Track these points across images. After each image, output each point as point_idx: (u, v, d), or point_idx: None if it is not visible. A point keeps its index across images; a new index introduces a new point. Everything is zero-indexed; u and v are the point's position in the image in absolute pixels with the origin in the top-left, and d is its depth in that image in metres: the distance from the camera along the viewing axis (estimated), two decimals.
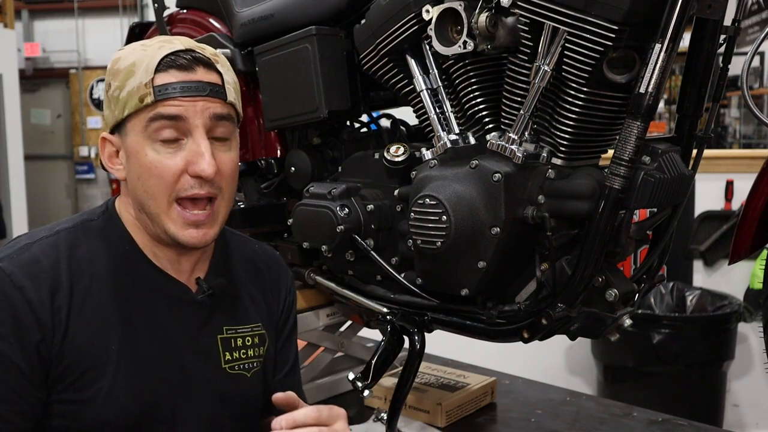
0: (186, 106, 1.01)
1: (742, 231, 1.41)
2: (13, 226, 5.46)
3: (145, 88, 1.00)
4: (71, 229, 1.07)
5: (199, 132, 1.02)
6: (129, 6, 7.13)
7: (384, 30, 1.43)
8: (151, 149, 1.02)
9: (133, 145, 1.03)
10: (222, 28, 1.86)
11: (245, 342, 1.16)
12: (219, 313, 1.14)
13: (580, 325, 1.32)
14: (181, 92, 1.01)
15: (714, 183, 3.20)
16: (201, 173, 1.01)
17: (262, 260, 1.26)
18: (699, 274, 3.27)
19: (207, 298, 1.11)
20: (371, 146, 1.66)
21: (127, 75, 1.02)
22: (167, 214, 1.03)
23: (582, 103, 1.23)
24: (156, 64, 1.01)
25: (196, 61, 1.03)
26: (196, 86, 1.02)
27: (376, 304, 1.53)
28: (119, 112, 1.02)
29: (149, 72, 1.01)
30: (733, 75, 1.71)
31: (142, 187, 1.03)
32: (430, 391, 1.80)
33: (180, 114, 1.01)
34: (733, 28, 1.32)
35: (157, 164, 1.01)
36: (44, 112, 7.71)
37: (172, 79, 1.01)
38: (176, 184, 1.02)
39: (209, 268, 1.15)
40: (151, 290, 1.08)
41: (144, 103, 1.00)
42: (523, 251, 1.32)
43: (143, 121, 1.01)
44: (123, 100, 1.01)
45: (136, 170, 1.03)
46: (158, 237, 1.07)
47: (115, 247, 1.08)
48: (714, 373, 2.90)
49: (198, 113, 1.02)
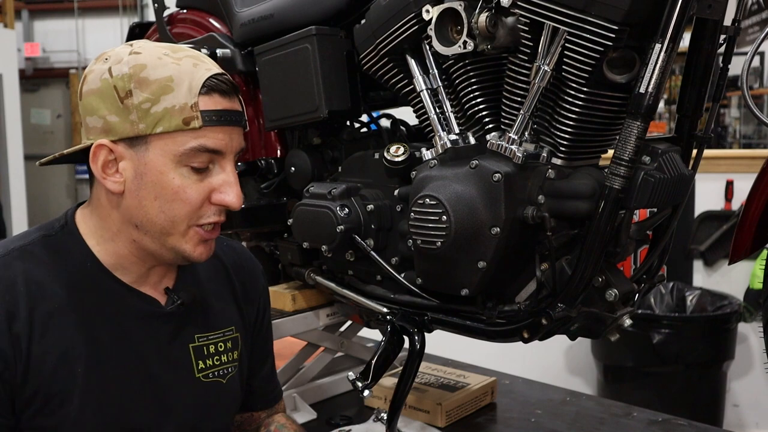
0: (226, 139, 1.00)
1: (742, 231, 1.41)
2: (13, 226, 5.47)
3: (190, 110, 0.96)
4: (27, 247, 1.02)
5: (230, 163, 1.02)
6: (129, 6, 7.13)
7: (384, 30, 1.43)
8: (177, 173, 0.98)
9: (157, 164, 0.97)
10: (222, 28, 1.85)
11: (218, 348, 1.13)
12: (189, 321, 1.10)
13: (580, 325, 1.32)
14: (226, 122, 1.00)
15: (714, 183, 3.20)
16: (230, 205, 1.01)
17: (230, 260, 1.23)
18: (699, 274, 3.27)
19: (177, 308, 1.08)
20: (371, 146, 1.66)
21: (162, 89, 0.96)
22: (183, 234, 1.01)
23: (582, 103, 1.23)
24: (200, 84, 0.97)
25: (234, 89, 1.02)
26: (237, 117, 1.02)
27: (376, 304, 1.52)
28: (147, 127, 0.96)
29: (193, 92, 0.97)
30: (733, 75, 1.71)
31: (159, 208, 0.99)
32: (430, 391, 1.80)
33: (222, 149, 1.00)
34: (733, 28, 1.32)
35: (186, 189, 0.98)
36: (44, 112, 7.71)
37: (217, 105, 0.99)
38: (199, 210, 1.01)
39: (177, 277, 1.12)
40: (116, 307, 1.04)
41: (190, 127, 0.96)
42: (523, 251, 1.32)
43: (180, 145, 0.97)
44: (156, 116, 0.95)
45: (155, 190, 0.98)
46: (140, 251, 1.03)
47: (75, 265, 1.02)
48: (714, 373, 2.90)
49: (234, 145, 1.02)
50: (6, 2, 5.73)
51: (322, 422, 1.72)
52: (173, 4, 2.03)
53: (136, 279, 1.06)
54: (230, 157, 1.02)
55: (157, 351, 1.06)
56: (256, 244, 1.86)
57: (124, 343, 1.03)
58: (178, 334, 1.09)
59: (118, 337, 1.03)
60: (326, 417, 1.75)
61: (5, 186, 5.47)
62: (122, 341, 1.03)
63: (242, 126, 1.03)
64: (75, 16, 7.49)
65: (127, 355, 1.03)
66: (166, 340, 1.07)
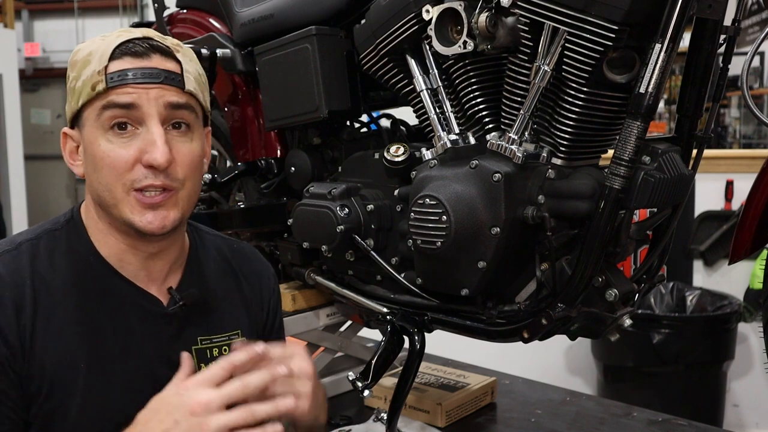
0: (139, 93, 0.97)
1: (742, 231, 1.41)
2: (13, 226, 5.46)
3: (98, 75, 0.97)
4: (33, 241, 1.03)
5: (153, 120, 0.98)
6: (129, 6, 7.13)
7: (384, 30, 1.43)
8: (104, 139, 0.98)
9: (88, 135, 1.00)
10: (222, 28, 1.85)
11: (222, 352, 1.12)
12: (193, 323, 1.10)
13: (580, 325, 1.32)
14: (134, 78, 0.97)
15: (714, 183, 3.20)
16: (153, 162, 0.97)
17: (240, 262, 1.22)
18: (699, 274, 3.27)
19: (179, 309, 1.07)
20: (371, 146, 1.66)
21: (83, 65, 0.99)
22: (124, 201, 0.99)
23: (582, 103, 1.23)
24: (111, 51, 0.98)
25: (153, 49, 1.00)
26: (150, 73, 0.98)
27: (376, 304, 1.52)
28: (75, 103, 1.00)
29: (103, 60, 0.98)
30: (733, 75, 1.71)
31: (97, 179, 0.99)
32: (430, 391, 1.80)
33: (133, 102, 0.97)
34: (733, 28, 1.32)
35: (109, 153, 0.97)
36: (44, 112, 7.70)
37: (125, 65, 0.98)
38: (129, 173, 0.98)
39: (183, 277, 1.11)
40: (119, 303, 1.04)
41: (96, 91, 0.97)
42: (523, 251, 1.32)
43: (96, 110, 0.98)
44: (78, 90, 0.99)
45: (92, 162, 1.00)
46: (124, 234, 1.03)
47: (80, 260, 1.03)
48: (714, 373, 2.90)
49: (152, 101, 0.98)
50: (6, 2, 5.72)
51: None
52: (173, 4, 2.03)
53: (136, 273, 1.06)
54: (151, 115, 0.98)
55: (159, 350, 1.06)
56: (256, 244, 1.86)
57: (126, 339, 1.03)
58: (181, 335, 1.09)
59: (120, 334, 1.03)
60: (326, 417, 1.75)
61: (5, 186, 5.46)
62: (124, 338, 1.03)
63: (163, 83, 0.99)
64: (75, 16, 7.48)
65: (128, 352, 1.03)
66: (167, 341, 1.07)
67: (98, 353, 1.01)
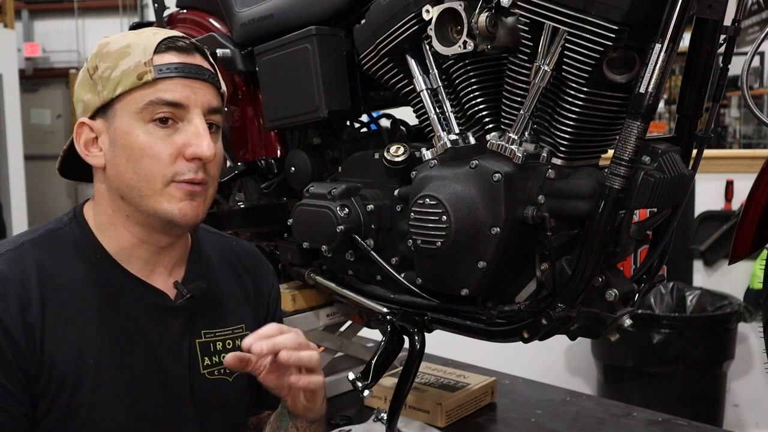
0: (187, 92, 0.99)
1: (742, 231, 1.41)
2: (13, 226, 5.46)
3: (144, 66, 0.98)
4: (37, 240, 1.03)
5: (198, 115, 1.00)
6: (129, 6, 7.13)
7: (384, 30, 1.43)
8: (143, 130, 0.99)
9: (123, 126, 0.99)
10: (222, 28, 1.85)
11: (226, 345, 1.13)
12: (197, 317, 1.11)
13: (580, 325, 1.32)
14: (182, 73, 0.99)
15: (714, 183, 3.20)
16: (201, 154, 0.99)
17: (241, 258, 1.23)
18: (699, 274, 3.28)
19: (186, 302, 1.08)
20: (371, 146, 1.66)
21: (120, 55, 0.99)
22: (161, 193, 1.00)
23: (582, 103, 1.23)
24: (155, 44, 0.99)
25: (195, 48, 1.03)
26: (197, 70, 1.01)
27: (376, 304, 1.52)
28: (109, 92, 0.99)
29: (148, 52, 0.99)
30: (733, 75, 1.71)
31: (133, 169, 0.99)
32: (430, 391, 1.80)
33: (181, 101, 0.99)
34: (733, 28, 1.32)
35: (152, 144, 0.98)
36: (44, 112, 7.70)
37: (172, 59, 1.00)
38: (172, 166, 0.99)
39: (186, 271, 1.12)
40: (126, 299, 1.05)
41: (143, 81, 0.97)
42: (523, 251, 1.32)
43: (139, 102, 0.98)
44: (115, 80, 0.99)
45: (125, 153, 0.99)
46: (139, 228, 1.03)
47: (85, 257, 1.04)
48: (714, 373, 2.91)
49: (198, 99, 1.01)
50: (6, 2, 5.72)
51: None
52: (173, 4, 2.03)
53: (143, 269, 1.07)
54: (196, 112, 1.00)
55: (166, 344, 1.07)
56: (256, 244, 1.86)
57: (133, 334, 1.04)
58: (186, 328, 1.10)
59: (128, 329, 1.04)
60: (326, 417, 1.74)
61: (5, 186, 5.46)
62: (132, 333, 1.04)
63: (207, 80, 1.02)
64: (75, 16, 7.49)
65: (137, 347, 1.04)
66: (174, 334, 1.08)
67: (107, 349, 1.01)
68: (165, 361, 1.06)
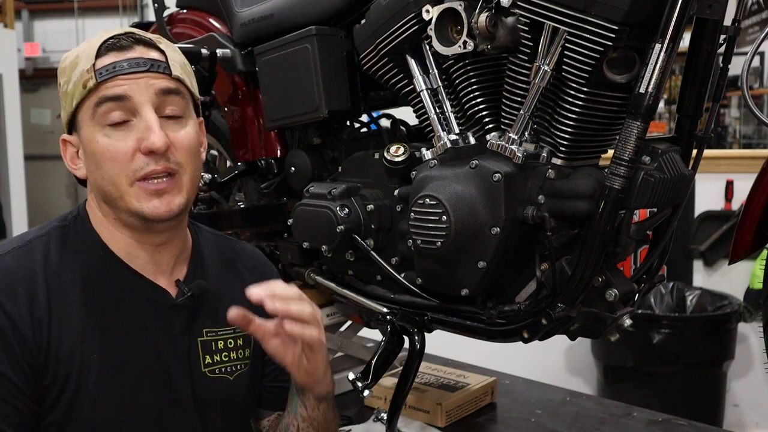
0: (129, 84, 1.00)
1: (742, 231, 1.40)
2: (13, 226, 5.46)
3: (87, 73, 1.00)
4: (44, 237, 1.05)
5: (146, 108, 1.00)
6: (129, 6, 7.12)
7: (384, 30, 1.43)
8: (101, 135, 1.00)
9: (86, 135, 1.02)
10: (222, 28, 1.85)
11: (227, 344, 1.14)
12: (199, 315, 1.12)
13: (580, 325, 1.32)
14: (121, 70, 1.00)
15: (714, 183, 3.20)
16: (151, 147, 0.99)
17: (244, 261, 1.24)
18: (699, 274, 3.27)
19: (187, 300, 1.09)
20: (371, 146, 1.66)
21: (72, 68, 1.02)
22: (128, 193, 1.01)
23: (582, 103, 1.23)
24: (96, 50, 1.01)
25: (136, 41, 1.03)
26: (136, 62, 1.01)
27: (376, 304, 1.52)
28: (69, 106, 1.03)
29: (90, 58, 1.01)
30: (733, 75, 1.70)
31: (100, 175, 1.02)
32: (430, 391, 1.80)
33: (124, 93, 0.99)
34: (733, 28, 1.32)
35: (109, 147, 1.00)
36: (44, 112, 7.70)
37: (112, 60, 1.01)
38: (131, 163, 1.00)
39: (188, 270, 1.14)
40: (130, 295, 1.06)
41: (87, 88, 1.00)
42: (523, 251, 1.32)
43: (90, 107, 1.00)
44: (71, 93, 1.02)
45: (93, 160, 1.02)
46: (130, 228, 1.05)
47: (89, 254, 1.05)
48: (714, 373, 2.90)
49: (142, 90, 1.00)
50: (6, 2, 5.72)
51: None
52: (173, 4, 2.03)
53: (145, 267, 1.08)
54: (144, 104, 1.00)
55: (168, 342, 1.08)
56: (256, 244, 1.86)
57: (136, 331, 1.05)
58: (188, 326, 1.11)
59: (131, 326, 1.05)
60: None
61: (5, 186, 5.46)
62: (135, 330, 1.05)
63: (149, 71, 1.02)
64: (75, 16, 7.48)
65: (139, 344, 1.05)
66: (175, 332, 1.09)
67: (110, 344, 1.03)
68: (166, 358, 1.07)
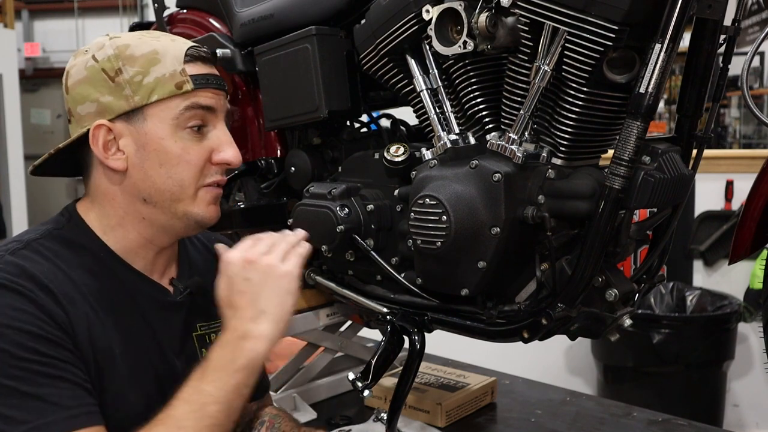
0: (216, 98, 1.07)
1: (742, 231, 1.41)
2: (13, 226, 5.46)
3: (180, 75, 1.03)
4: (41, 240, 1.04)
5: (222, 123, 1.08)
6: (129, 6, 7.12)
7: (384, 30, 1.43)
8: (177, 137, 1.04)
9: (156, 132, 1.03)
10: (222, 28, 1.85)
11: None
12: (194, 312, 1.15)
13: (580, 325, 1.32)
14: (213, 83, 1.07)
15: (714, 183, 3.20)
16: (229, 161, 1.07)
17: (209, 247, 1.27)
18: (699, 274, 3.27)
19: (186, 298, 1.13)
20: (371, 146, 1.66)
21: (150, 61, 1.02)
22: (193, 197, 1.06)
23: (582, 103, 1.23)
24: (183, 53, 1.05)
25: (213, 57, 1.11)
26: (221, 82, 1.09)
27: (376, 304, 1.52)
28: (142, 98, 1.02)
29: (179, 61, 1.03)
30: (733, 75, 1.70)
31: (166, 174, 1.04)
32: (430, 391, 1.80)
33: (213, 106, 1.06)
34: (733, 28, 1.32)
35: (188, 150, 1.04)
36: (44, 112, 7.70)
37: (202, 70, 1.06)
38: (203, 170, 1.07)
39: (179, 269, 1.16)
40: (135, 294, 1.08)
41: (182, 90, 1.03)
42: (523, 251, 1.32)
43: (174, 108, 1.03)
44: (149, 86, 1.02)
45: (158, 158, 1.04)
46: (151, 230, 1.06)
47: (91, 255, 1.06)
48: (714, 373, 2.90)
49: (222, 106, 1.08)
50: (6, 2, 5.72)
51: (322, 422, 1.72)
52: (173, 4, 2.03)
53: (145, 267, 1.10)
54: (222, 117, 1.08)
55: (170, 339, 1.11)
56: None
57: (144, 329, 1.08)
58: (185, 322, 1.14)
59: (139, 324, 1.07)
60: (326, 417, 1.75)
61: (5, 186, 5.46)
62: (143, 328, 1.08)
63: (224, 90, 1.10)
64: (75, 16, 7.48)
65: (149, 340, 1.08)
66: (176, 329, 1.12)
67: (120, 342, 1.04)
68: (170, 354, 1.10)
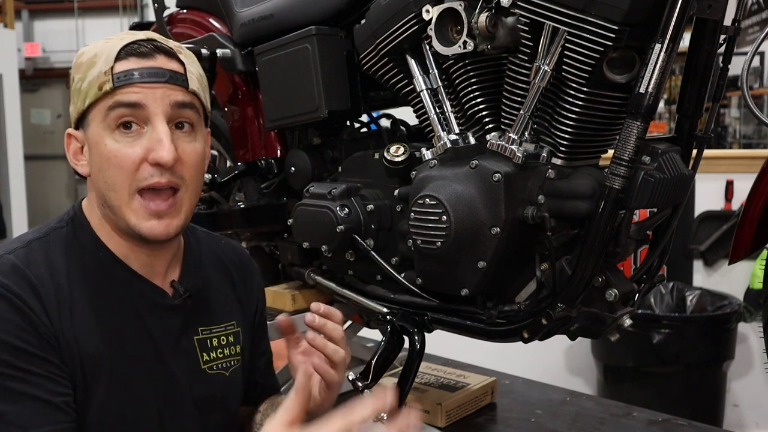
0: (145, 92, 0.99)
1: (742, 231, 1.41)
2: (13, 226, 5.47)
3: (104, 75, 0.99)
4: (43, 239, 1.04)
5: (159, 119, 1.00)
6: (129, 6, 7.13)
7: (384, 30, 1.43)
8: (110, 138, 1.00)
9: (94, 136, 1.01)
10: (222, 28, 1.85)
11: (220, 341, 1.16)
12: (194, 315, 1.13)
13: (580, 325, 1.32)
14: (140, 78, 1.00)
15: (714, 183, 3.19)
16: (160, 160, 0.99)
17: (230, 257, 1.25)
18: (699, 274, 3.27)
19: (185, 301, 1.10)
20: (371, 146, 1.66)
21: (88, 66, 1.01)
22: (128, 205, 1.01)
23: (582, 103, 1.23)
24: (116, 52, 1.00)
25: (157, 50, 1.02)
26: (155, 72, 1.01)
27: (376, 304, 1.52)
28: (81, 104, 1.01)
29: (109, 60, 1.00)
30: (733, 75, 1.71)
31: (103, 178, 1.01)
32: (430, 391, 1.80)
33: (139, 101, 0.99)
34: (733, 28, 1.32)
35: (116, 153, 0.99)
36: (44, 112, 7.70)
37: (131, 66, 1.00)
38: (136, 173, 1.00)
39: (182, 271, 1.14)
40: (131, 296, 1.06)
41: (103, 91, 0.99)
42: (523, 251, 1.32)
43: (103, 110, 1.00)
44: (84, 91, 1.01)
45: (98, 162, 1.01)
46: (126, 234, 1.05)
47: (90, 255, 1.05)
48: (714, 373, 2.90)
49: (158, 100, 1.00)
50: (6, 2, 5.73)
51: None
52: (173, 4, 2.03)
53: (143, 268, 1.08)
54: (157, 115, 1.00)
55: (168, 341, 1.09)
56: (256, 244, 1.86)
57: (140, 332, 1.06)
58: (185, 325, 1.12)
59: (134, 326, 1.06)
60: None
61: (5, 186, 5.46)
62: (139, 330, 1.06)
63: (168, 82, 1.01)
64: (75, 16, 7.48)
65: (143, 343, 1.06)
66: (174, 332, 1.10)
67: (118, 344, 1.03)
68: (167, 358, 1.08)
